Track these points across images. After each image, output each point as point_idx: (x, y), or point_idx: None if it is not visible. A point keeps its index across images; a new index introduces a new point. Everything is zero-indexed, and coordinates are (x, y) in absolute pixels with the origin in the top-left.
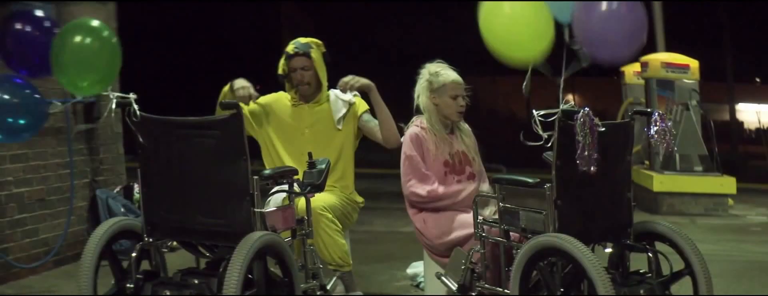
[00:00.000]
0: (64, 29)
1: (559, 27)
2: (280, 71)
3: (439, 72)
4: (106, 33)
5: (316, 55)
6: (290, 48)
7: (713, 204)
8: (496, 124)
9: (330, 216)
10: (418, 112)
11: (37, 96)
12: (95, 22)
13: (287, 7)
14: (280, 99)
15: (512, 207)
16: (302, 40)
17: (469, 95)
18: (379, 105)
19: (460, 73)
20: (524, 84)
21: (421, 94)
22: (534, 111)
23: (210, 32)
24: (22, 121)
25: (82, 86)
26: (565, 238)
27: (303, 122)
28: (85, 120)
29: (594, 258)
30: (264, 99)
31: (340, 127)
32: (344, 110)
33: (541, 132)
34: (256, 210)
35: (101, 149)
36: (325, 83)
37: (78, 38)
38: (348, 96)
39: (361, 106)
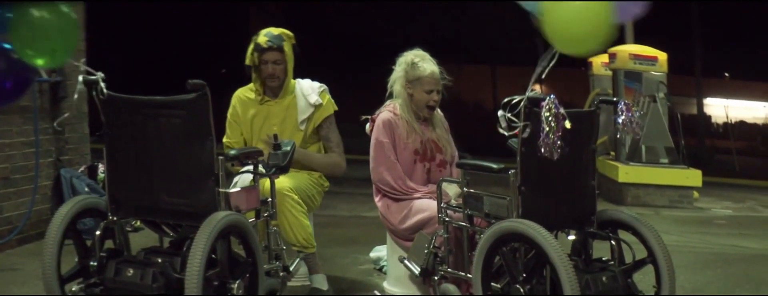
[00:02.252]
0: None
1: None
2: (248, 62)
3: (417, 63)
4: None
5: (288, 48)
6: (262, 40)
7: (678, 196)
8: (461, 112)
9: (296, 197)
10: (391, 97)
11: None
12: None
13: None
14: (242, 99)
15: (476, 192)
16: (274, 31)
17: (446, 85)
18: (313, 164)
19: (439, 63)
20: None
21: (396, 81)
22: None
23: (177, 17)
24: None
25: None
26: (529, 224)
27: (272, 119)
28: (50, 99)
29: (557, 244)
30: (232, 107)
31: (302, 127)
32: (308, 113)
33: (503, 125)
34: (220, 190)
35: (66, 128)
36: (291, 75)
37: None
38: (314, 97)
39: (326, 110)
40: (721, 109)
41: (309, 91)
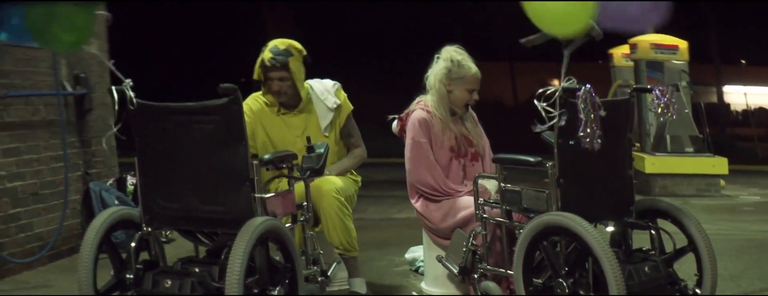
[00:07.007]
0: None
1: None
2: (255, 77)
3: (461, 62)
4: None
5: (294, 65)
6: (267, 57)
7: (705, 184)
8: (481, 110)
9: (342, 199)
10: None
11: None
12: None
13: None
14: (262, 109)
15: (514, 186)
16: (280, 45)
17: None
18: (347, 170)
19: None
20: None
21: (435, 77)
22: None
23: (190, 19)
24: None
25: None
26: (570, 216)
27: (294, 131)
28: (76, 112)
29: (599, 236)
30: (248, 115)
31: (326, 133)
32: (330, 118)
33: (545, 116)
34: (256, 195)
35: (93, 141)
36: (303, 85)
37: None
38: (332, 99)
39: (346, 109)
40: (740, 96)
41: (325, 94)
